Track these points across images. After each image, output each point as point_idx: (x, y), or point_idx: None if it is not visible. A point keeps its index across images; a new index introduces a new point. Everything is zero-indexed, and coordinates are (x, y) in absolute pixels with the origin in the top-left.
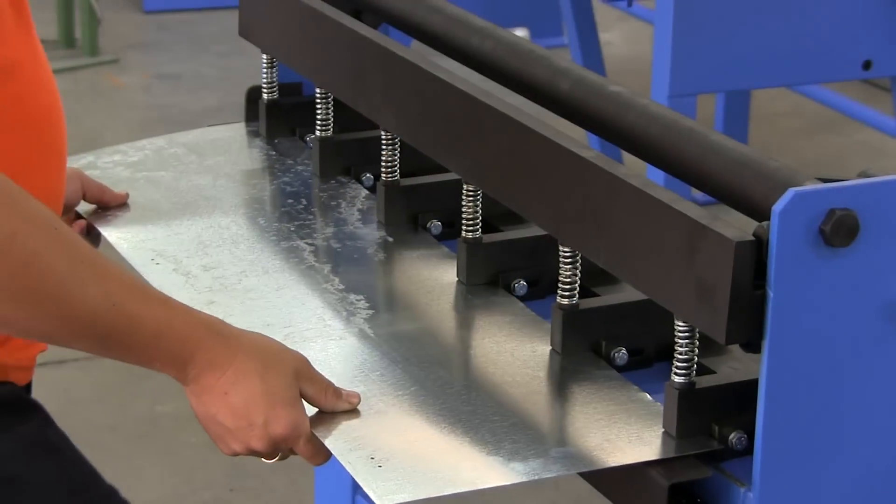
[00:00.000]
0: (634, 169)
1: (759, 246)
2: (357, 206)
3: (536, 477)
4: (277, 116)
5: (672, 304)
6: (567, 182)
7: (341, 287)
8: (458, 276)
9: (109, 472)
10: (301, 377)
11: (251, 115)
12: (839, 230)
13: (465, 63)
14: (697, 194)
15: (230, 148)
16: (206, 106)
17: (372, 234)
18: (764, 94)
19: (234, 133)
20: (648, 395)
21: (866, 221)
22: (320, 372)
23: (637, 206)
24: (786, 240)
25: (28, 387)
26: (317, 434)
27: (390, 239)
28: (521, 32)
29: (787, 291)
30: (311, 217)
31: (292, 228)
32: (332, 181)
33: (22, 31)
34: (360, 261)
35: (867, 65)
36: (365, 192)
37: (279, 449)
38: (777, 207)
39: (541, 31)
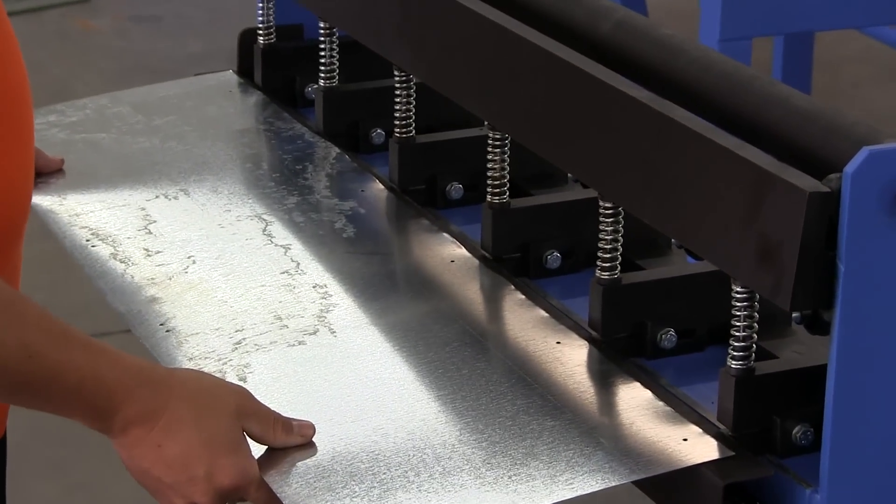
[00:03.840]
0: None
1: (833, 199)
2: (326, 169)
3: None
4: (275, 64)
5: (730, 264)
6: (613, 126)
7: (303, 274)
8: (482, 246)
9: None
10: (243, 415)
11: (244, 62)
12: None
13: (494, 5)
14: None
15: (215, 100)
16: (191, 52)
17: (341, 205)
18: (829, 36)
19: (225, 82)
20: (685, 391)
21: None
22: (273, 392)
23: (695, 152)
24: (858, 206)
25: None
26: (266, 479)
27: (362, 210)
28: None
29: (859, 264)
30: (271, 184)
31: (249, 199)
32: (299, 141)
33: None
34: (325, 239)
35: None
36: (336, 151)
37: (227, 499)
38: (849, 168)
39: None
